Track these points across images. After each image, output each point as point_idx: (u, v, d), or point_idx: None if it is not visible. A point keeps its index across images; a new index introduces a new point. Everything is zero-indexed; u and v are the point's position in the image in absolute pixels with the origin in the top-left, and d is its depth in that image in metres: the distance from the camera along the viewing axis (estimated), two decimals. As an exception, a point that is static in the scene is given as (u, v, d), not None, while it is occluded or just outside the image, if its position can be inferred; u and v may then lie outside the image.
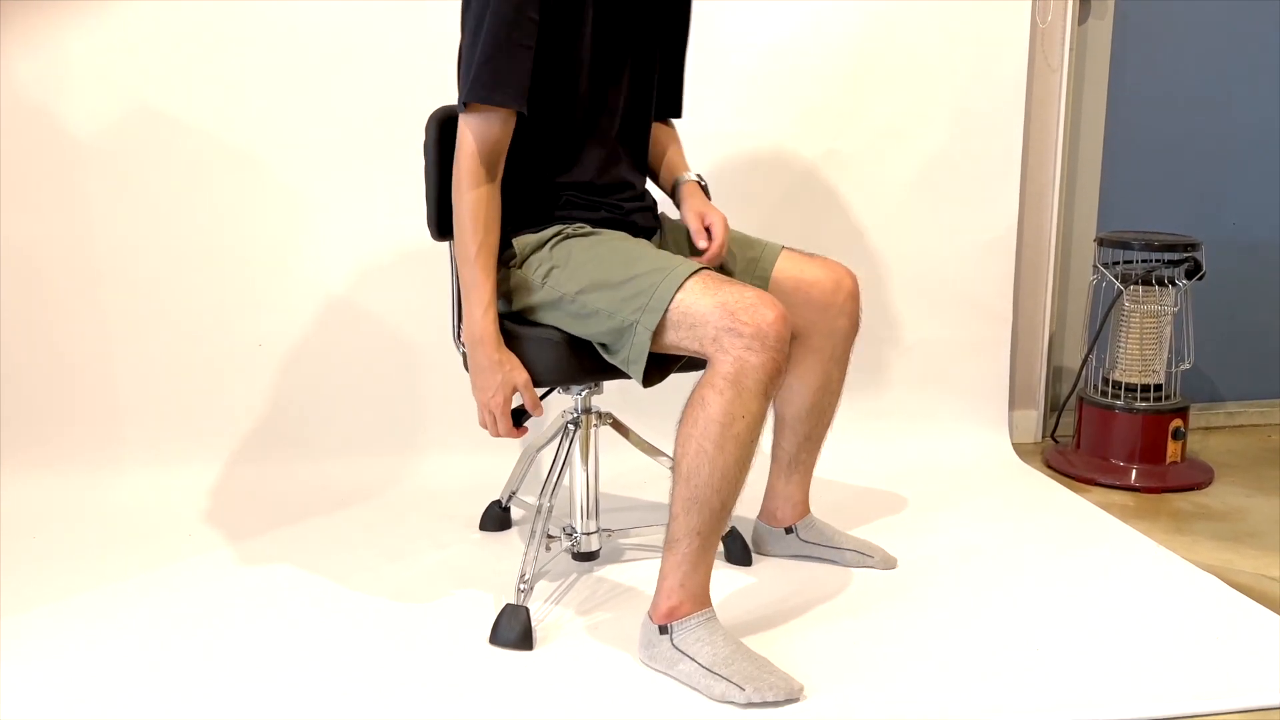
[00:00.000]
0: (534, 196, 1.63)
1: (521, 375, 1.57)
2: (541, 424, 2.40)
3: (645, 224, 1.73)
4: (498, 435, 1.59)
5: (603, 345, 1.57)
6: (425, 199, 1.75)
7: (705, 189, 1.77)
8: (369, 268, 2.30)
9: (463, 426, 2.37)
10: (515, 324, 1.62)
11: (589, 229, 1.63)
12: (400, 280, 2.31)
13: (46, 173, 2.17)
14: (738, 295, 1.44)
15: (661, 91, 1.79)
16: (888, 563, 1.89)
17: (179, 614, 1.71)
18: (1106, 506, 2.20)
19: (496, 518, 2.07)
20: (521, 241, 1.62)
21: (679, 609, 1.51)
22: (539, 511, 1.72)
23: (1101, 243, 2.44)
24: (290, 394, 2.32)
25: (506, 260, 1.63)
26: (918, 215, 2.45)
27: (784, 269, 1.73)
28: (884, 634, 1.63)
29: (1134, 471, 2.36)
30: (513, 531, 2.06)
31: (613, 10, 1.60)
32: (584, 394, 1.80)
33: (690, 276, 1.47)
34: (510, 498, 2.05)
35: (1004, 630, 1.64)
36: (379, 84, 2.23)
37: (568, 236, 1.61)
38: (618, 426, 1.88)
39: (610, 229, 1.65)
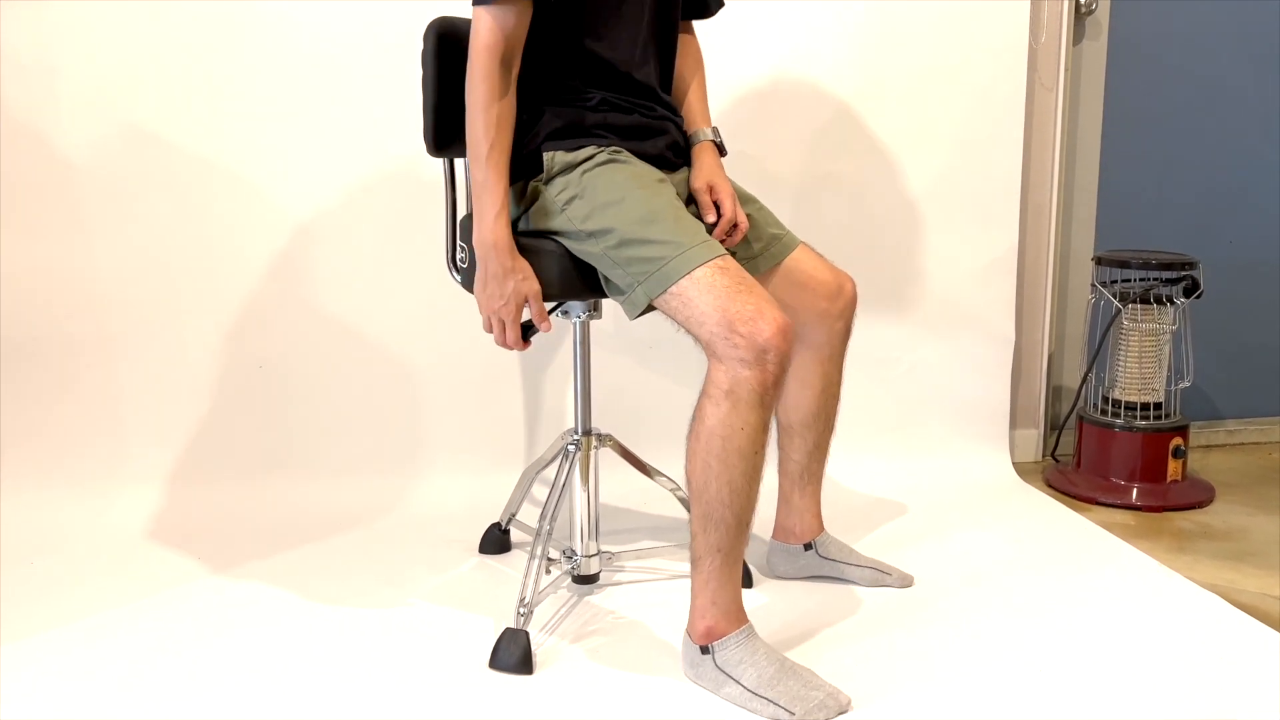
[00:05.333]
0: (567, 97, 1.60)
1: (534, 285, 1.54)
2: (541, 445, 2.40)
3: (676, 157, 1.71)
4: (504, 345, 1.56)
5: (604, 277, 1.57)
6: (422, 111, 1.70)
7: (720, 147, 1.75)
8: (370, 289, 2.30)
9: (462, 449, 2.37)
10: (521, 234, 1.59)
11: (623, 156, 1.59)
12: (401, 302, 2.31)
13: (44, 194, 2.17)
14: (740, 303, 1.42)
15: None
16: (904, 581, 1.88)
17: (176, 637, 1.70)
18: (1108, 526, 2.19)
19: (496, 540, 2.06)
20: (552, 158, 1.58)
21: (716, 628, 1.51)
22: (539, 534, 1.72)
23: (1099, 262, 2.45)
24: (290, 416, 2.32)
25: (534, 174, 1.60)
26: (919, 236, 2.46)
27: (799, 261, 1.74)
28: (898, 652, 1.63)
29: (1135, 490, 2.36)
30: (512, 554, 2.05)
31: None
32: (584, 316, 1.77)
33: (703, 264, 1.45)
34: (510, 520, 2.05)
35: (1009, 651, 1.64)
36: (378, 104, 2.23)
37: (599, 164, 1.57)
38: (618, 448, 1.87)
39: (646, 148, 1.63)
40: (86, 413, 2.25)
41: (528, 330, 1.58)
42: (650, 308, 1.53)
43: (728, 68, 2.32)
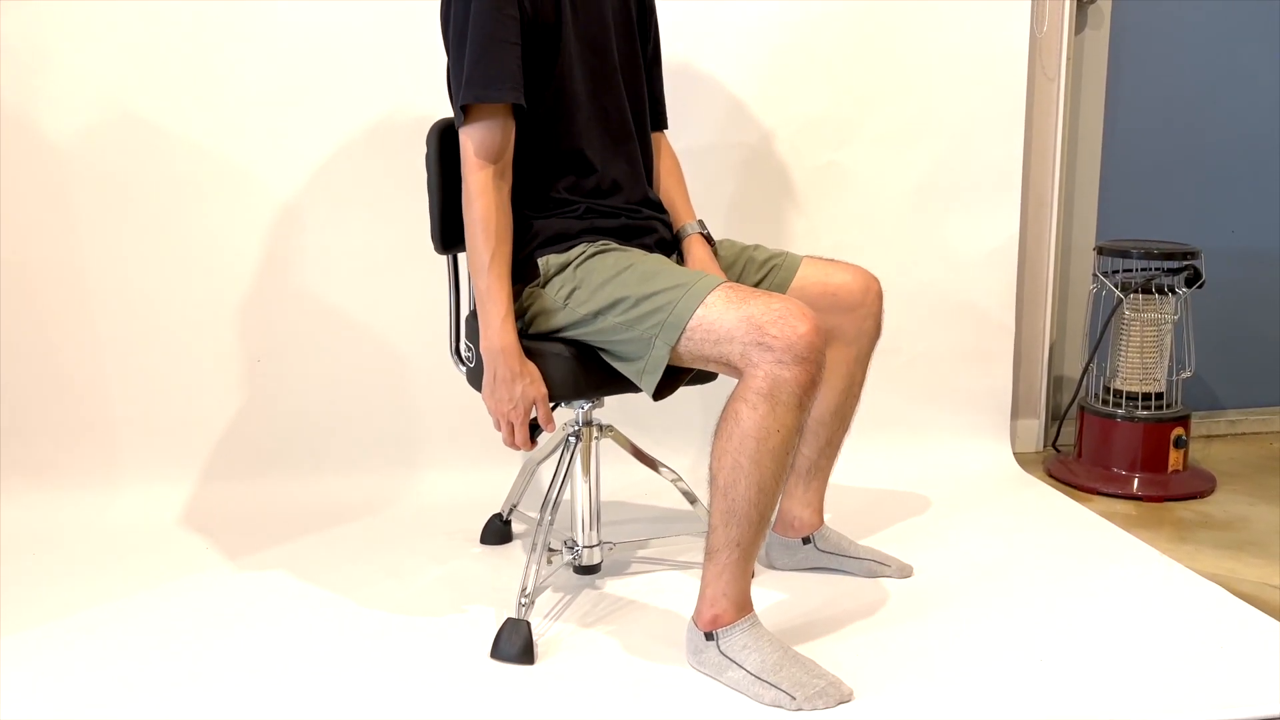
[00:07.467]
0: (554, 209, 1.64)
1: (541, 389, 1.56)
2: (542, 437, 2.40)
3: (665, 242, 1.74)
4: (512, 446, 1.59)
5: (617, 356, 1.57)
6: (428, 212, 1.75)
7: (709, 238, 1.77)
8: (367, 282, 2.30)
9: (463, 441, 2.37)
10: (524, 338, 1.61)
11: (614, 245, 1.62)
12: (399, 294, 2.31)
13: (36, 187, 2.16)
14: (764, 307, 1.42)
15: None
16: (904, 571, 1.88)
17: (177, 631, 1.70)
18: (1109, 516, 2.19)
19: (497, 531, 2.06)
20: (547, 261, 1.61)
21: (722, 617, 1.51)
22: (540, 525, 1.72)
23: (1101, 251, 2.44)
24: (289, 409, 2.31)
25: (531, 279, 1.63)
26: (919, 226, 2.45)
27: (809, 276, 1.74)
28: (897, 641, 1.63)
29: (1136, 480, 2.36)
30: (514, 545, 2.06)
31: (590, 10, 1.63)
32: (587, 407, 1.80)
33: (713, 291, 1.46)
34: (511, 511, 2.05)
35: (1010, 641, 1.64)
36: (373, 95, 2.22)
37: (591, 256, 1.60)
38: (619, 439, 1.87)
39: (633, 246, 1.66)
40: (83, 406, 2.25)
41: (534, 430, 1.61)
42: (671, 382, 1.53)
43: (729, 57, 2.31)
